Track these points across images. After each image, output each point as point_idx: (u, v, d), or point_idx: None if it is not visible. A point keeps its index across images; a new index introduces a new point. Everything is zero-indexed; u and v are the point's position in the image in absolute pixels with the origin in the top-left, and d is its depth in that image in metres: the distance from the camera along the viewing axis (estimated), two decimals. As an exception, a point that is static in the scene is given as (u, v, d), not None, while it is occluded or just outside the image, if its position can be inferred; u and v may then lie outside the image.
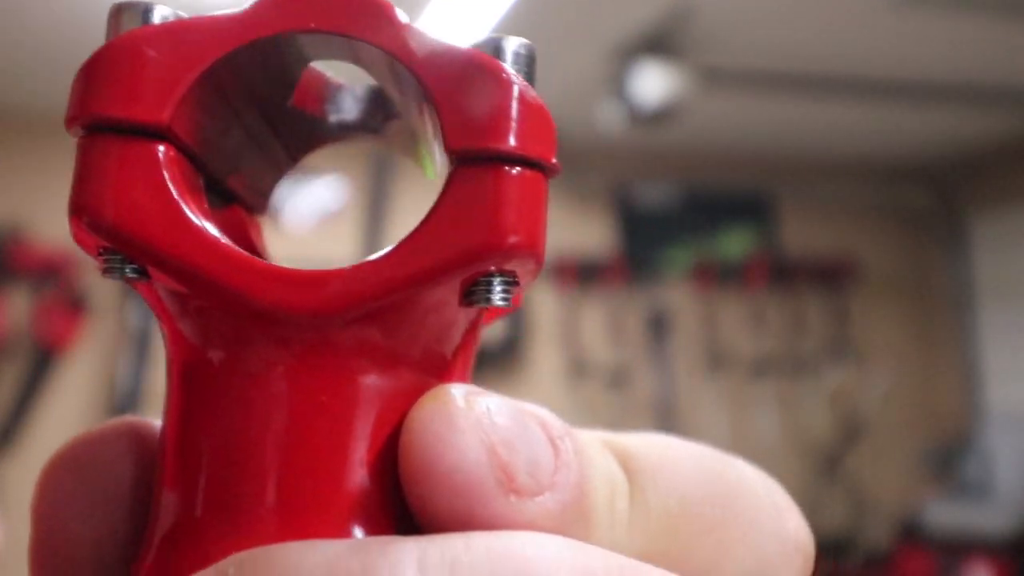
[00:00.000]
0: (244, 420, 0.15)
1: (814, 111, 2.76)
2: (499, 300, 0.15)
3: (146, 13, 0.15)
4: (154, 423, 0.18)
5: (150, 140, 0.15)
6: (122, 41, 0.15)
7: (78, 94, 0.15)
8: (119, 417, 0.18)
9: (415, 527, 0.15)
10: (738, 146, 3.12)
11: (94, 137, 0.15)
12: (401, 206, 2.60)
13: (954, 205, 3.35)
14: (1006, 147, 3.12)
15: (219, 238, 0.15)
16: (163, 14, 0.15)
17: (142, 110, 0.15)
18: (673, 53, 2.29)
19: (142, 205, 0.15)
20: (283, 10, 0.15)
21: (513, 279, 0.15)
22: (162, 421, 0.16)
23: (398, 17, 0.15)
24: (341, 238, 2.63)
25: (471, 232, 0.15)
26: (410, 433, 0.15)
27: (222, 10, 0.15)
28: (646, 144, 2.93)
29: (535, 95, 0.15)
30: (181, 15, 0.15)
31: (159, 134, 0.15)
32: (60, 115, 0.16)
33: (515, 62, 0.15)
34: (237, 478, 0.15)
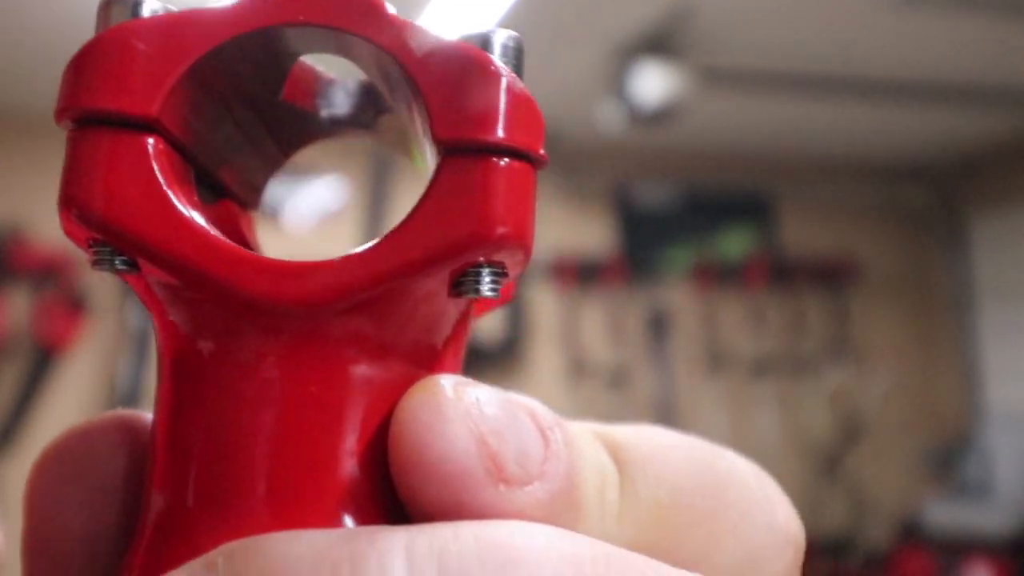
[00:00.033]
0: (234, 411, 0.15)
1: (814, 111, 2.76)
2: (488, 291, 0.15)
3: (135, 7, 0.15)
4: (146, 416, 0.18)
5: (139, 132, 0.15)
6: (111, 34, 0.15)
7: (67, 87, 0.15)
8: (111, 410, 0.18)
9: (406, 518, 0.15)
10: (738, 146, 3.12)
11: (83, 130, 0.15)
12: (401, 206, 2.60)
13: (954, 205, 3.35)
14: (1006, 147, 3.12)
15: (208, 229, 0.15)
16: (152, 7, 0.15)
17: (131, 102, 0.15)
18: (673, 53, 2.29)
19: (131, 197, 0.15)
20: (271, 4, 0.15)
21: (502, 270, 0.15)
22: (153, 413, 0.16)
23: (387, 10, 0.15)
24: (340, 238, 2.63)
25: (459, 223, 0.14)
26: (399, 423, 0.15)
27: (211, 4, 0.15)
28: (646, 144, 2.93)
29: (523, 87, 0.15)
30: (171, 9, 0.16)
31: (148, 126, 0.15)
32: (60, 115, 0.15)
33: (503, 54, 0.15)
34: (227, 469, 0.15)
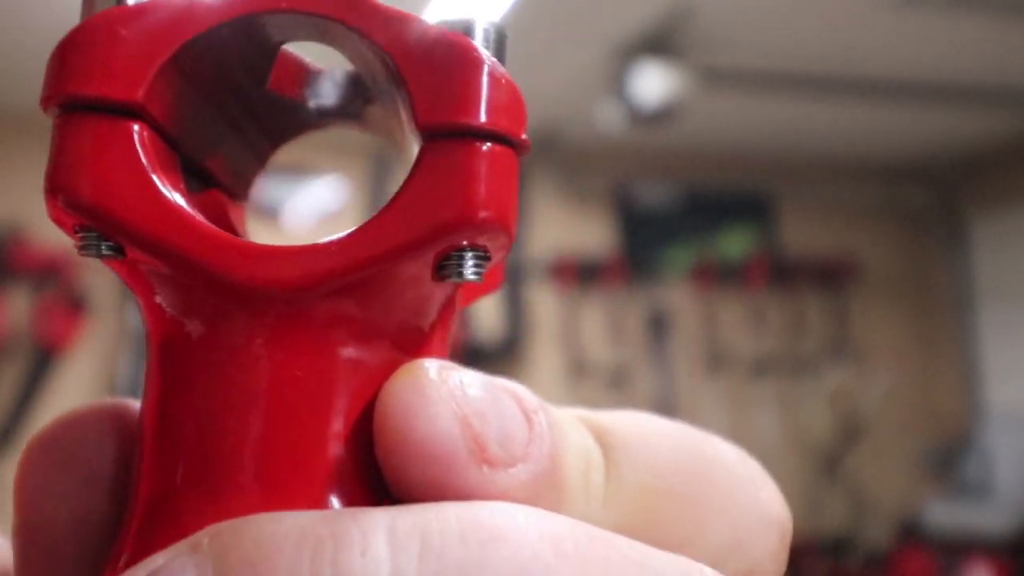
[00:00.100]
0: (221, 394, 0.15)
1: (814, 111, 2.76)
2: (471, 275, 0.15)
3: None
4: (134, 404, 0.18)
5: (124, 118, 0.15)
6: (95, 20, 0.15)
7: (52, 74, 0.15)
8: (100, 399, 0.18)
9: (392, 499, 0.15)
10: (738, 146, 3.12)
11: (69, 116, 0.15)
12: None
13: (954, 205, 3.35)
14: (1006, 147, 3.12)
15: (193, 214, 0.15)
16: None
17: (116, 88, 0.15)
18: (673, 53, 2.29)
19: (117, 182, 0.15)
20: None
21: (485, 254, 0.15)
22: (141, 398, 0.17)
23: None
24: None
25: (442, 206, 0.15)
26: (384, 405, 0.15)
27: None
28: (646, 144, 2.93)
29: (505, 72, 0.15)
30: None
31: (133, 112, 0.15)
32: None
33: (485, 40, 0.15)
34: (215, 452, 0.15)
